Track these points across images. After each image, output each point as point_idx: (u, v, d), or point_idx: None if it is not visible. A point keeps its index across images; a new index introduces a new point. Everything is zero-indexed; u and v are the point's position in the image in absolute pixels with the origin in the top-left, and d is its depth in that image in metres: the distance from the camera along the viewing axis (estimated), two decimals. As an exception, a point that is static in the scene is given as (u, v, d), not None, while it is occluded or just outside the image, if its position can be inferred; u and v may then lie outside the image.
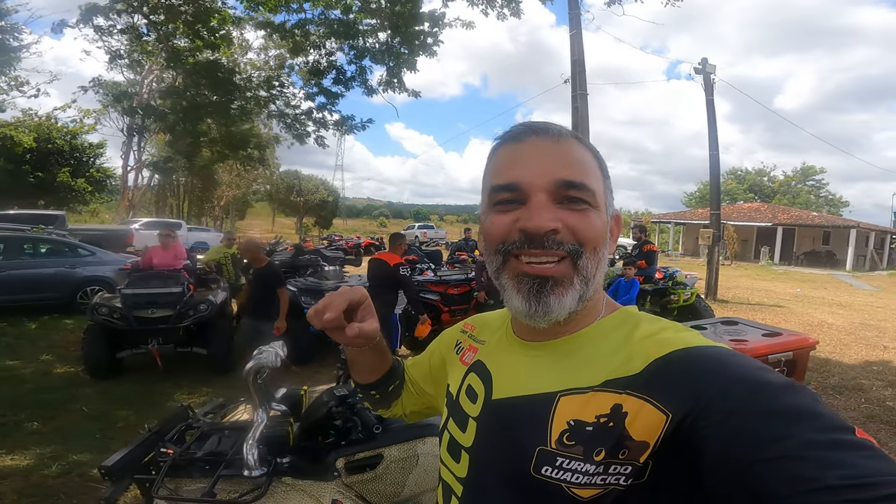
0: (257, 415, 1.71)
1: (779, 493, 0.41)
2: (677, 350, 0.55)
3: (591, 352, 0.62)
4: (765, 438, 0.44)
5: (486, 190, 0.66)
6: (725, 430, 0.46)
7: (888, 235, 29.62)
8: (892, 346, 7.06)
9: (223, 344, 5.19)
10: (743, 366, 0.52)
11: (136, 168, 21.92)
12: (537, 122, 0.66)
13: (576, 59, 7.79)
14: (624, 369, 0.57)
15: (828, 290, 14.97)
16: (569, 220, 0.60)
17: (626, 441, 0.53)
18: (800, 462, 0.41)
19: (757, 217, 28.57)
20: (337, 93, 6.90)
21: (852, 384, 5.21)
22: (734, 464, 0.44)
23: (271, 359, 1.64)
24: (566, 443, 0.56)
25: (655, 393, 0.53)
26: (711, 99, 12.24)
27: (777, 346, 3.55)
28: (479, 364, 0.74)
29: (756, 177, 48.95)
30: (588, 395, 0.57)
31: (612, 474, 0.54)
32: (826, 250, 27.31)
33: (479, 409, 0.69)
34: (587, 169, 0.63)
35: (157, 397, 4.38)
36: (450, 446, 0.72)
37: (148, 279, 5.36)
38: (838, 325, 8.61)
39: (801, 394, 0.48)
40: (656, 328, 0.62)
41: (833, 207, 44.79)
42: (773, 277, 18.81)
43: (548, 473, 0.56)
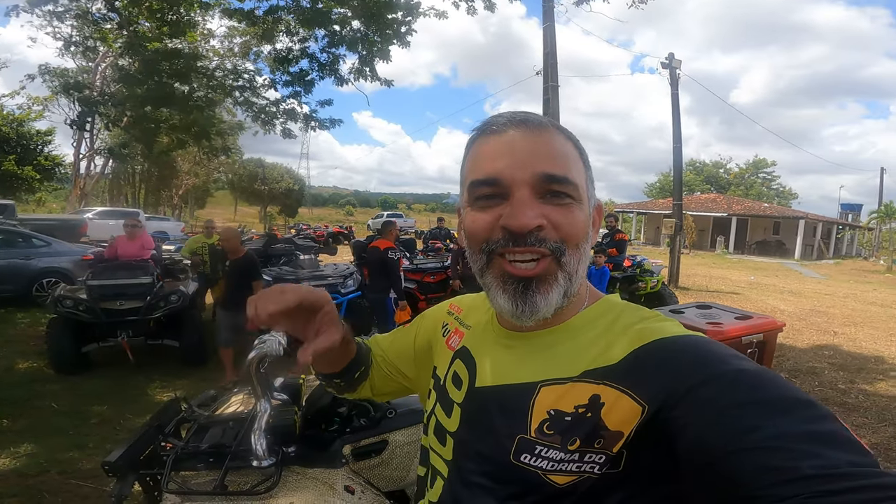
0: (260, 404, 1.71)
1: (753, 484, 0.41)
2: (655, 340, 0.56)
3: (574, 343, 0.62)
4: (739, 429, 0.44)
5: (465, 184, 0.64)
6: (700, 422, 0.47)
7: (834, 226, 31.43)
8: (841, 332, 7.54)
9: (196, 336, 5.07)
10: (719, 356, 0.52)
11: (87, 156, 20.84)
12: (517, 113, 0.64)
13: (548, 51, 7.88)
14: (603, 359, 0.58)
15: (778, 278, 15.81)
16: (552, 215, 0.59)
17: (602, 431, 0.54)
18: (775, 452, 0.42)
19: (713, 208, 29.77)
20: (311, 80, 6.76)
21: (806, 368, 5.56)
22: (709, 455, 0.45)
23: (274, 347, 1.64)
24: (546, 432, 0.57)
25: (633, 384, 0.54)
26: (676, 93, 12.64)
27: (750, 329, 3.79)
28: (464, 351, 0.74)
29: (713, 169, 50.85)
30: (567, 386, 0.58)
31: (586, 462, 0.55)
32: (776, 240, 28.79)
33: (464, 396, 0.69)
34: (569, 161, 0.61)
35: (130, 392, 4.26)
36: (436, 430, 0.73)
37: (114, 270, 5.16)
38: (790, 311, 9.13)
39: (777, 383, 0.48)
40: (637, 317, 0.62)
41: (783, 199, 47.11)
42: (729, 266, 19.71)
43: (526, 461, 0.57)
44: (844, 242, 32.80)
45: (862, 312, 9.50)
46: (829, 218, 32.40)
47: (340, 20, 6.03)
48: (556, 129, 0.63)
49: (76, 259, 8.14)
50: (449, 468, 0.68)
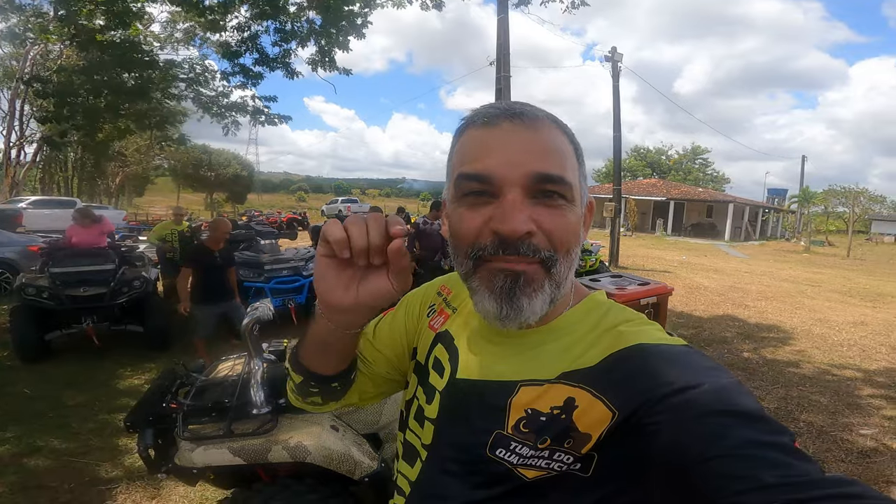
0: (254, 363, 2.10)
1: (718, 492, 0.42)
2: (632, 346, 0.57)
3: (556, 345, 0.63)
4: (706, 438, 0.45)
5: (453, 177, 0.62)
6: (670, 430, 0.48)
7: (761, 209, 33.97)
8: (752, 305, 8.49)
9: (160, 320, 5.23)
10: (692, 366, 0.53)
11: (17, 145, 19.53)
12: (512, 104, 0.61)
13: (501, 42, 8.19)
14: (582, 360, 0.59)
15: (707, 258, 17.18)
16: (543, 220, 0.57)
17: (572, 432, 0.56)
18: (739, 461, 0.43)
19: (654, 192, 31.47)
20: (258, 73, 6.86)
21: (719, 338, 6.29)
22: (677, 463, 0.46)
23: (266, 313, 2.04)
24: (522, 430, 0.59)
25: (606, 389, 0.55)
26: (617, 85, 13.43)
27: (646, 293, 4.68)
28: (446, 335, 0.74)
29: (655, 155, 53.32)
30: (545, 387, 0.59)
31: (555, 460, 0.56)
32: (709, 222, 30.86)
33: (444, 384, 0.70)
34: (564, 159, 0.59)
35: (100, 376, 4.43)
36: (416, 414, 0.73)
37: (76, 257, 5.23)
38: (712, 288, 10.11)
39: (746, 396, 0.50)
40: (620, 319, 0.63)
41: (717, 184, 50.17)
42: (666, 247, 21.11)
43: (500, 455, 0.59)
44: (770, 225, 35.54)
45: (775, 288, 10.62)
46: (756, 202, 35.00)
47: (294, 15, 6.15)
48: (552, 124, 0.61)
49: (22, 250, 7.94)
50: (427, 452, 0.69)
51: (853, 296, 10.11)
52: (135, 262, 6.31)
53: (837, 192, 29.81)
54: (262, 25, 6.29)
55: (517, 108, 0.60)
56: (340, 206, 32.92)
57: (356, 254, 0.56)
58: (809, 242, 25.59)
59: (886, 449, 3.41)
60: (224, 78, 7.03)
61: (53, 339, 4.86)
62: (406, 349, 0.81)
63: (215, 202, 40.73)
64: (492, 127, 0.59)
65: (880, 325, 7.20)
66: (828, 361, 5.37)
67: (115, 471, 2.89)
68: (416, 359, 0.78)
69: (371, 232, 0.56)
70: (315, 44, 6.69)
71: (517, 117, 0.59)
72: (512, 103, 0.61)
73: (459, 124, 0.64)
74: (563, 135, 0.61)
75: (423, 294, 0.85)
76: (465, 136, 0.62)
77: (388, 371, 0.83)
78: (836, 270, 15.56)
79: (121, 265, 5.48)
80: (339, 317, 0.63)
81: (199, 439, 1.90)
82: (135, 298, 5.17)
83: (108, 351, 4.97)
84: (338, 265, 0.58)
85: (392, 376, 0.83)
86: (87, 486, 2.75)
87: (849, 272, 15.21)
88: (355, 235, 0.55)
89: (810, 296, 9.80)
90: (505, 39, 8.35)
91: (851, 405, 4.15)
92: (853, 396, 4.36)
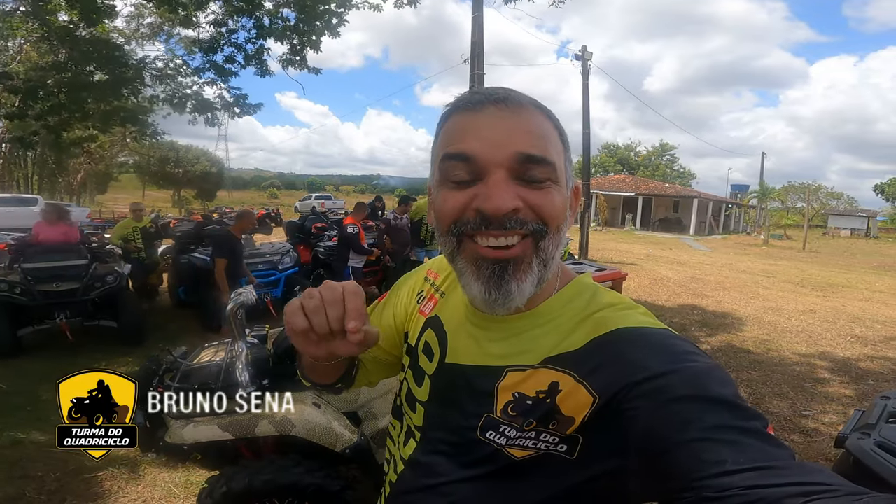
0: (238, 346, 2.23)
1: (687, 477, 0.44)
2: (613, 331, 0.58)
3: (542, 330, 0.63)
4: (677, 424, 0.47)
5: (437, 160, 0.62)
6: (647, 414, 0.50)
7: (724, 205, 35.20)
8: (711, 295, 8.91)
9: (134, 316, 5.24)
10: (670, 351, 0.55)
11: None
12: (495, 90, 0.61)
13: (475, 40, 8.34)
14: (566, 344, 0.60)
15: (672, 251, 17.81)
16: (530, 197, 0.57)
17: (556, 414, 0.57)
18: (708, 445, 0.44)
19: (623, 187, 32.26)
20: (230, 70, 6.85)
21: (678, 327, 6.56)
22: (653, 446, 0.48)
23: (250, 298, 2.17)
24: (510, 413, 0.60)
25: (588, 374, 0.57)
26: (587, 83, 13.78)
27: (602, 277, 5.12)
28: (436, 320, 0.75)
29: (625, 151, 54.42)
30: (530, 372, 0.61)
31: (541, 440, 0.58)
32: (676, 217, 31.85)
33: (434, 369, 0.71)
34: (548, 142, 0.59)
35: (75, 371, 4.42)
36: (407, 397, 0.75)
37: (47, 252, 5.21)
38: (675, 279, 10.55)
39: (720, 381, 0.51)
40: (604, 303, 0.64)
41: (684, 180, 51.59)
42: (634, 241, 21.72)
43: (490, 437, 0.61)
44: (732, 219, 36.85)
45: (733, 279, 11.14)
46: (719, 197, 36.27)
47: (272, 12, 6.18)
48: (535, 108, 0.61)
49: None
50: (419, 433, 0.72)
51: (805, 286, 10.70)
52: (106, 257, 6.27)
53: (796, 188, 31.13)
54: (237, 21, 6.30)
55: (501, 93, 0.60)
56: (314, 202, 32.55)
57: (319, 338, 0.59)
58: (768, 236, 26.70)
59: (827, 429, 3.67)
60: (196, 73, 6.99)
61: (25, 335, 4.82)
62: (397, 336, 0.84)
63: (183, 199, 39.74)
64: (476, 111, 0.59)
65: (828, 313, 7.69)
66: (776, 347, 5.74)
67: (98, 460, 2.96)
68: (407, 342, 0.80)
69: (331, 319, 0.57)
70: (287, 42, 6.72)
71: (501, 102, 0.59)
72: (496, 89, 0.61)
73: (444, 111, 0.64)
74: (548, 119, 0.62)
75: (411, 281, 0.87)
76: (450, 122, 0.62)
77: (386, 357, 0.87)
78: (792, 262, 16.35)
79: (93, 261, 5.46)
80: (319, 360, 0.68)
81: (187, 417, 2.02)
82: (108, 294, 5.18)
83: (81, 346, 4.95)
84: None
85: (390, 360, 0.88)
86: (72, 474, 2.82)
87: (803, 264, 15.99)
88: (316, 324, 0.57)
89: (765, 286, 10.33)
90: (479, 37, 8.51)
91: (796, 388, 4.46)
92: (798, 379, 4.68)
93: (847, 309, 8.06)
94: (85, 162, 31.52)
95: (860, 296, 9.63)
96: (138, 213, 6.80)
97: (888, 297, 9.68)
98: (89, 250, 5.70)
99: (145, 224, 6.65)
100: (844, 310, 7.96)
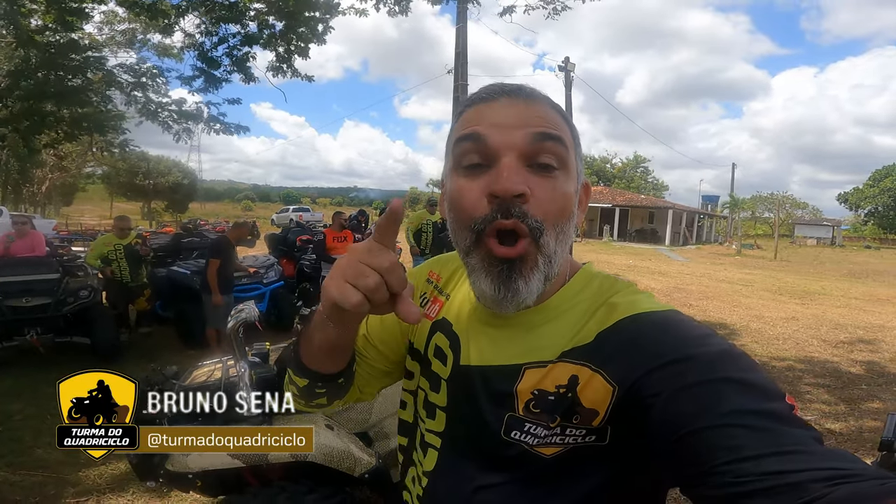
0: (240, 365, 2.06)
1: (708, 463, 0.44)
2: (625, 318, 0.59)
3: (554, 324, 0.63)
4: (697, 409, 0.47)
5: (451, 147, 0.64)
6: (664, 403, 0.50)
7: (696, 215, 36.11)
8: (696, 304, 9.07)
9: (108, 331, 4.98)
10: (684, 335, 0.55)
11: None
12: (509, 83, 0.63)
13: (459, 51, 8.41)
14: (580, 337, 0.60)
15: (652, 262, 18.09)
16: (537, 187, 0.58)
17: (577, 407, 0.57)
18: (728, 430, 0.44)
19: (600, 199, 32.75)
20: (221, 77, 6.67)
21: None
22: (672, 432, 0.48)
23: (252, 315, 2.01)
24: (532, 410, 0.60)
25: (604, 364, 0.57)
26: (570, 94, 14.02)
27: None
28: (444, 323, 0.73)
29: (600, 163, 55.52)
30: (548, 368, 0.60)
31: (568, 435, 0.58)
32: (651, 228, 32.48)
33: (449, 373, 0.69)
34: (561, 130, 0.61)
35: (46, 389, 4.13)
36: (424, 403, 0.73)
37: (16, 266, 4.92)
38: (658, 289, 10.69)
39: (738, 362, 0.51)
40: (611, 291, 0.64)
41: (657, 191, 52.86)
42: (613, 252, 22.02)
43: (516, 437, 0.60)
44: (704, 229, 37.85)
45: (714, 288, 11.37)
46: (692, 208, 37.22)
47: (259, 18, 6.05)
48: (548, 103, 0.63)
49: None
50: (442, 439, 0.70)
51: (783, 294, 10.96)
52: (77, 271, 5.94)
53: (764, 199, 32.21)
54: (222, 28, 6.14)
55: (514, 85, 0.63)
56: (292, 214, 32.10)
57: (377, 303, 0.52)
58: (740, 246, 27.46)
59: (829, 433, 3.70)
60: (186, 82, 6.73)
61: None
62: (400, 341, 0.80)
63: (154, 211, 38.68)
64: (490, 102, 0.61)
65: (810, 319, 7.86)
66: (767, 354, 5.82)
67: (80, 484, 2.74)
68: (415, 348, 0.77)
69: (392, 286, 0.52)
70: (272, 49, 6.59)
71: (514, 93, 0.62)
72: (509, 83, 0.64)
73: (461, 105, 0.66)
74: (558, 114, 0.63)
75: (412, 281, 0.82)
76: (465, 114, 0.63)
77: (383, 364, 0.81)
78: (766, 271, 16.77)
79: (64, 274, 5.16)
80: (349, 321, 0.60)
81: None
82: (81, 309, 4.92)
83: (51, 363, 4.67)
84: None
85: (387, 369, 0.82)
86: (52, 499, 2.62)
87: (777, 272, 16.43)
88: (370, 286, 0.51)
89: (745, 294, 10.55)
90: (463, 48, 8.57)
91: (792, 393, 4.44)
92: (792, 385, 4.75)
93: (827, 315, 8.25)
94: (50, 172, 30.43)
95: (837, 302, 9.91)
96: (123, 229, 5.77)
97: (864, 303, 9.99)
98: (60, 264, 5.39)
99: (130, 241, 5.69)
100: (825, 316, 8.15)
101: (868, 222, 51.27)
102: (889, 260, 25.79)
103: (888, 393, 4.58)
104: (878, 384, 4.82)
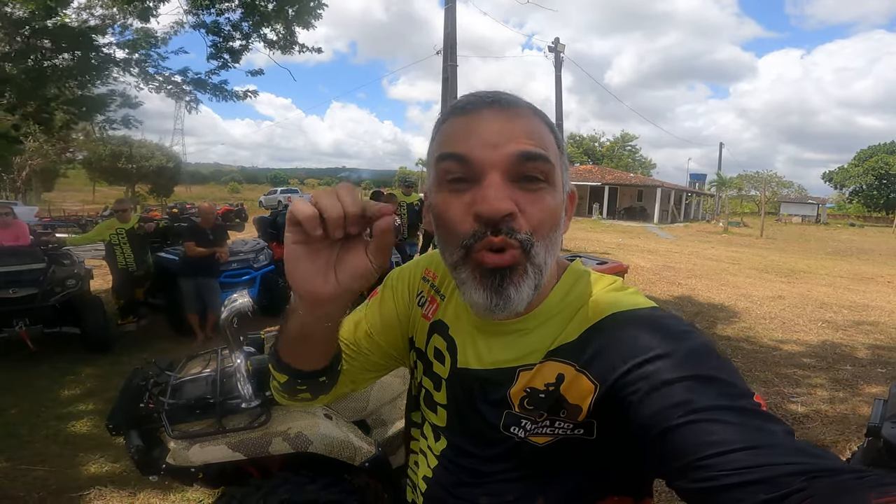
0: (235, 356, 2.06)
1: (686, 456, 0.45)
2: (606, 317, 0.61)
3: (544, 328, 0.65)
4: (671, 406, 0.49)
5: (433, 163, 0.62)
6: (641, 400, 0.51)
7: (684, 193, 36.32)
8: (684, 283, 9.15)
9: (99, 321, 4.93)
10: (662, 332, 0.57)
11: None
12: (489, 92, 0.61)
13: (448, 32, 8.28)
14: (564, 336, 0.63)
15: (641, 240, 18.23)
16: (523, 202, 0.57)
17: (563, 403, 0.60)
18: (705, 425, 0.46)
19: (589, 178, 32.79)
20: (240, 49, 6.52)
21: None
22: (652, 427, 0.49)
23: (246, 305, 1.99)
24: (527, 407, 0.63)
25: (586, 362, 0.59)
26: (560, 75, 13.89)
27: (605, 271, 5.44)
28: (441, 325, 0.75)
29: (589, 142, 55.43)
30: (538, 368, 0.63)
31: (557, 427, 0.62)
32: (640, 206, 32.63)
33: (448, 373, 0.72)
34: (544, 143, 0.59)
35: (38, 382, 4.13)
36: (426, 400, 0.77)
37: (0, 257, 4.80)
38: (648, 267, 10.78)
39: (712, 360, 0.53)
40: (594, 288, 0.67)
41: (645, 169, 53.06)
42: (603, 230, 22.14)
43: (513, 431, 0.64)
44: (692, 207, 38.11)
45: (701, 266, 11.49)
46: (681, 186, 37.40)
47: None
48: (530, 110, 0.61)
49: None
50: (444, 433, 0.74)
51: (769, 272, 11.13)
52: (63, 260, 5.84)
53: (751, 177, 32.47)
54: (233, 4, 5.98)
55: (494, 95, 0.61)
56: (280, 196, 31.74)
57: (332, 225, 0.51)
58: (727, 223, 27.74)
59: (817, 414, 3.74)
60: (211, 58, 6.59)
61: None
62: (400, 335, 0.81)
63: (137, 196, 37.95)
64: (472, 114, 0.59)
65: (796, 299, 7.98)
66: (754, 334, 5.90)
67: (80, 478, 2.74)
68: (416, 347, 0.79)
69: (344, 199, 0.51)
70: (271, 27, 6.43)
71: (496, 104, 0.59)
72: (492, 92, 0.62)
73: (440, 117, 0.65)
74: (542, 122, 0.62)
75: (408, 278, 0.83)
76: (445, 125, 0.62)
77: (382, 359, 0.82)
78: (753, 249, 17.00)
79: (50, 263, 5.07)
80: (319, 309, 0.58)
81: (192, 437, 1.85)
82: (69, 298, 4.86)
83: (43, 355, 4.63)
84: (311, 252, 0.54)
85: (384, 362, 0.83)
86: (55, 494, 2.61)
87: (764, 251, 16.66)
88: (328, 206, 0.51)
89: (733, 273, 10.69)
90: (452, 29, 8.44)
91: (780, 374, 4.57)
92: (780, 366, 4.80)
93: (813, 294, 8.39)
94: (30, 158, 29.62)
95: (822, 281, 10.08)
96: (124, 213, 5.56)
97: (849, 282, 10.18)
98: (45, 252, 5.29)
99: (132, 226, 5.48)
100: (811, 295, 8.29)
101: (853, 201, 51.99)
102: (872, 238, 26.24)
103: (873, 374, 4.63)
104: (863, 365, 4.88)
